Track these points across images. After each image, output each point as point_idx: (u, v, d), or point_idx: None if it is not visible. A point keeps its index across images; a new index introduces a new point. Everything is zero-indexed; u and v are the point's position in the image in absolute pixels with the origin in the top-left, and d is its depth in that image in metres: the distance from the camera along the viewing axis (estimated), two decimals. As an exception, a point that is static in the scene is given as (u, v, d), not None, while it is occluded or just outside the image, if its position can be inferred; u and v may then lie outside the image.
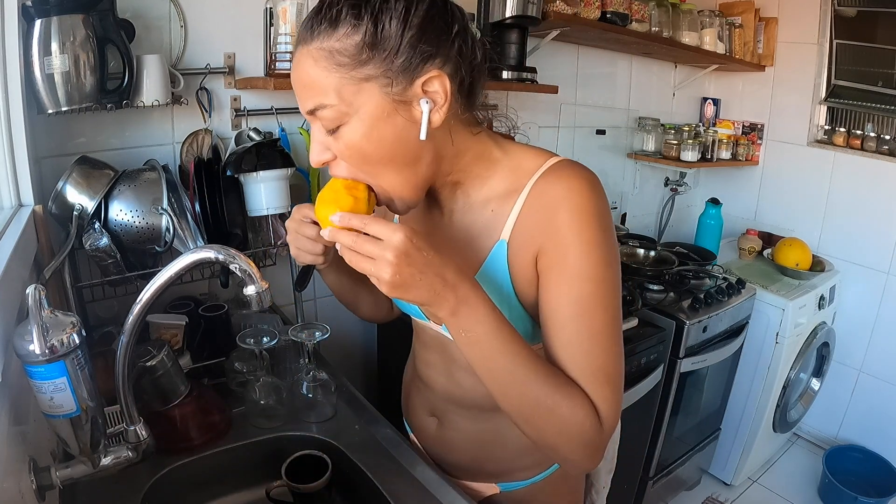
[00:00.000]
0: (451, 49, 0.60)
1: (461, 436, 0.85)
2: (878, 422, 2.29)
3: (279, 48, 1.20)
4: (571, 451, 0.64)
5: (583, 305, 0.63)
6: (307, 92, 0.60)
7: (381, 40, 0.56)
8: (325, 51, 0.57)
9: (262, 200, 1.17)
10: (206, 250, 0.68)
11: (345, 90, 0.58)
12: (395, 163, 0.62)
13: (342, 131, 0.60)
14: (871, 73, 2.22)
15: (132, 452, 0.74)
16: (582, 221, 0.63)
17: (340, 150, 0.62)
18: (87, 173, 1.03)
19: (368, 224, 0.57)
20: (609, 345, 0.64)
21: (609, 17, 1.76)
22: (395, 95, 0.58)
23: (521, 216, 0.67)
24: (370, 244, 0.56)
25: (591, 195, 0.64)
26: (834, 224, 2.36)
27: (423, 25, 0.57)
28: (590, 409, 0.62)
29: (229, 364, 1.09)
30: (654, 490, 1.95)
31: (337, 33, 0.56)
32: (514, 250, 0.67)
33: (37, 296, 0.58)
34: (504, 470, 0.85)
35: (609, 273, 0.64)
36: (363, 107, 0.58)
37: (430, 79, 0.59)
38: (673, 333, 1.72)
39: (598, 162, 2.28)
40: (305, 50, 0.59)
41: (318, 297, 1.57)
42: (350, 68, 0.57)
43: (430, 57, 0.58)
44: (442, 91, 0.59)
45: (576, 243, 0.63)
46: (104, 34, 1.00)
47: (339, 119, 0.59)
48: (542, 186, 0.66)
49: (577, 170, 0.66)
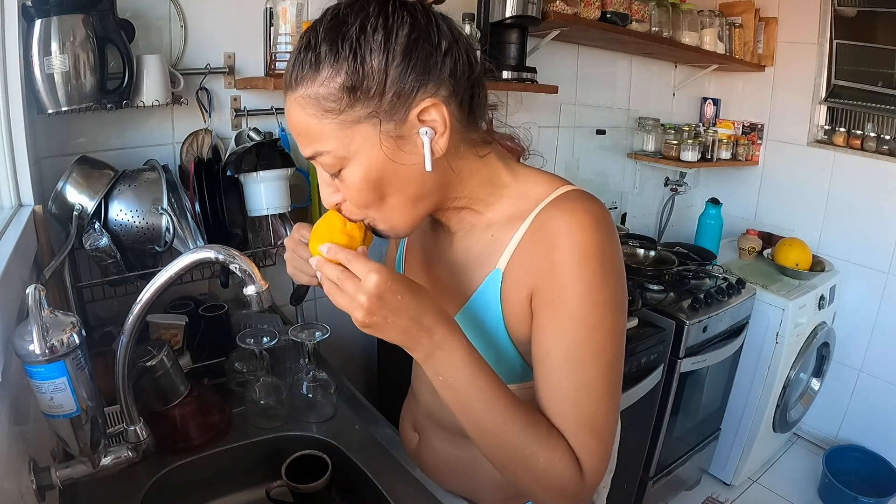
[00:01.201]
0: (443, 71, 0.56)
1: (437, 457, 0.83)
2: (878, 422, 2.29)
3: (279, 48, 1.20)
4: (549, 500, 0.61)
5: (574, 352, 0.59)
6: (302, 139, 0.59)
7: (364, 78, 0.54)
8: (311, 98, 0.55)
9: (262, 200, 1.17)
10: (206, 250, 0.68)
11: (338, 135, 0.56)
12: (401, 197, 0.61)
13: (344, 175, 0.59)
14: (871, 73, 2.22)
15: (132, 452, 0.74)
16: (581, 260, 0.59)
17: (345, 190, 0.61)
18: (87, 173, 1.03)
19: (351, 261, 0.57)
20: (599, 396, 0.60)
21: (609, 17, 1.76)
22: (391, 132, 0.56)
23: (521, 246, 0.63)
24: (349, 282, 0.56)
25: (594, 231, 0.59)
26: (834, 224, 2.36)
27: (406, 52, 0.54)
28: (570, 461, 0.59)
29: (229, 364, 1.09)
30: (654, 490, 1.95)
31: (319, 77, 0.54)
32: (509, 282, 0.64)
33: (37, 296, 0.58)
34: (479, 498, 0.82)
35: (609, 317, 0.60)
36: (360, 149, 0.57)
37: (425, 108, 0.56)
38: (673, 333, 1.72)
39: (598, 162, 2.28)
40: (292, 98, 0.57)
41: (318, 298, 1.57)
42: (338, 113, 0.55)
43: (420, 85, 0.55)
44: (440, 119, 0.57)
45: (572, 283, 0.59)
46: (104, 34, 1.00)
47: (338, 164, 0.58)
48: (545, 217, 0.62)
49: (583, 202, 0.62)
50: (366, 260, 0.57)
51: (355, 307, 0.56)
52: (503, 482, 0.79)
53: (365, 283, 0.55)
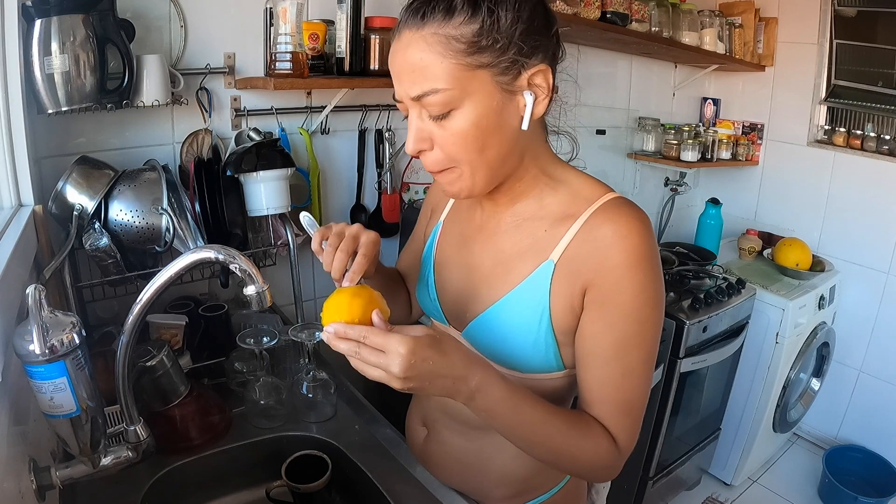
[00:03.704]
0: (551, 47, 0.63)
1: (445, 450, 0.84)
2: (878, 422, 2.29)
3: (279, 48, 1.20)
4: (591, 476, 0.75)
5: (624, 344, 0.66)
6: (416, 76, 0.60)
7: (497, 31, 0.58)
8: (442, 36, 0.58)
9: (262, 200, 1.17)
10: (206, 250, 0.68)
11: (460, 75, 0.59)
12: (491, 151, 0.64)
13: (452, 116, 0.61)
14: (871, 73, 2.22)
15: (132, 452, 0.74)
16: (636, 263, 0.64)
17: (444, 136, 0.62)
18: (87, 173, 1.03)
19: (367, 337, 0.58)
20: (640, 381, 0.68)
21: (609, 17, 1.76)
22: (504, 85, 0.61)
23: (574, 242, 0.68)
24: (374, 356, 0.57)
25: (646, 238, 0.65)
26: (834, 224, 2.36)
27: (531, 20, 0.60)
28: (608, 443, 0.67)
29: (229, 364, 1.09)
30: (654, 490, 1.95)
31: (454, 21, 0.58)
32: (560, 274, 0.68)
33: (37, 296, 0.58)
34: (483, 496, 0.83)
35: (655, 314, 0.67)
36: (476, 93, 0.60)
37: (537, 72, 0.61)
38: (673, 333, 1.72)
39: (598, 162, 2.28)
40: (417, 35, 0.59)
41: (318, 298, 1.57)
42: (466, 55, 0.58)
43: (537, 51, 0.61)
44: (546, 85, 0.62)
45: (628, 285, 0.65)
46: (104, 34, 0.99)
47: (449, 104, 0.60)
48: (599, 220, 0.67)
49: (634, 210, 0.68)
50: (383, 332, 0.58)
51: (391, 378, 0.58)
52: (511, 478, 0.80)
53: (393, 358, 0.57)
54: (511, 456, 0.78)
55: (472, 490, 0.84)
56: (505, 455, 0.78)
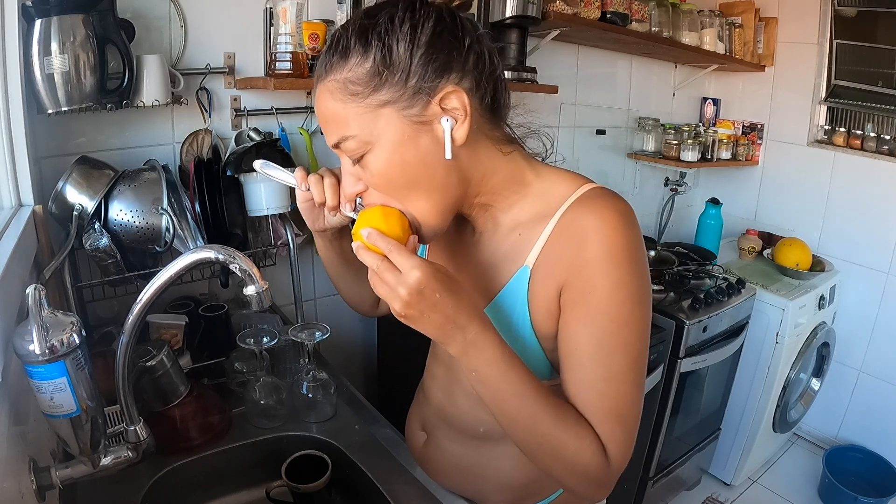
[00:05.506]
0: (467, 63, 0.59)
1: (444, 457, 0.84)
2: (878, 422, 2.29)
3: (279, 48, 1.20)
4: (576, 485, 0.65)
5: (603, 345, 0.62)
6: (329, 126, 0.61)
7: (391, 63, 0.56)
8: (339, 82, 0.58)
9: (262, 200, 1.17)
10: (206, 250, 0.68)
11: (363, 119, 0.58)
12: (423, 187, 0.62)
13: (367, 160, 0.60)
14: (871, 73, 2.22)
15: (132, 452, 0.74)
16: (611, 257, 0.60)
17: (368, 178, 0.62)
18: (87, 173, 1.03)
19: (392, 251, 0.58)
20: (626, 387, 0.62)
21: (609, 17, 1.76)
22: (413, 117, 0.58)
23: (548, 244, 0.65)
24: (389, 273, 0.57)
25: (623, 228, 0.61)
26: (834, 224, 2.36)
27: (431, 42, 0.57)
28: (597, 448, 0.62)
29: (229, 364, 1.09)
30: (654, 490, 1.95)
31: (348, 64, 0.57)
32: (537, 279, 0.66)
33: (37, 296, 0.58)
34: (482, 499, 0.82)
35: (636, 312, 0.62)
36: (384, 133, 0.58)
37: (447, 95, 0.58)
38: (673, 333, 1.72)
39: (598, 162, 2.28)
40: (322, 86, 0.60)
41: (318, 297, 1.57)
42: (364, 96, 0.57)
43: (443, 73, 0.57)
44: (461, 107, 0.58)
45: (603, 280, 0.61)
46: (104, 34, 1.00)
47: (361, 148, 0.60)
48: (573, 215, 0.64)
49: (609, 199, 0.64)
50: (408, 253, 0.58)
51: (394, 298, 0.57)
52: (509, 484, 0.79)
53: (406, 277, 0.56)
54: (510, 464, 0.77)
55: (473, 494, 0.83)
56: (503, 462, 0.78)
